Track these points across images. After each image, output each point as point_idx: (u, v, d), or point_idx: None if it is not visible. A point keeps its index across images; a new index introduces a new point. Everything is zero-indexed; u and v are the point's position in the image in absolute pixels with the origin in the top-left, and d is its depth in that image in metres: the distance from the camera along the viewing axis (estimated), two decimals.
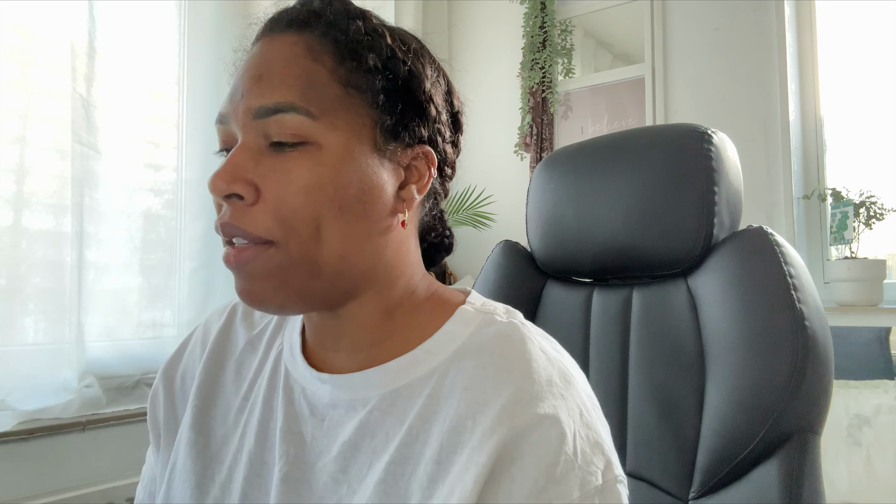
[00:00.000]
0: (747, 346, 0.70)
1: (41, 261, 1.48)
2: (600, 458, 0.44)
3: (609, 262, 0.88)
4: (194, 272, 1.79)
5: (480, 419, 0.44)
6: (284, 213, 0.45)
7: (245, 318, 0.63)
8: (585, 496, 0.41)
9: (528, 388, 0.44)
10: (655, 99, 2.17)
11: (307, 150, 0.45)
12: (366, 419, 0.48)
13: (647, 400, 0.79)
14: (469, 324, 0.51)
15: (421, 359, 0.49)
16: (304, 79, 0.46)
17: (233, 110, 0.47)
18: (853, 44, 2.03)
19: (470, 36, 2.68)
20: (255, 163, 0.46)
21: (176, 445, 0.57)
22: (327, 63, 0.47)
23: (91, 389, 1.52)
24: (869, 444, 1.60)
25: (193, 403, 0.58)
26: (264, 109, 0.45)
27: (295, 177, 0.45)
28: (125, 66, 1.65)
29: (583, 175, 0.91)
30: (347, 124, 0.47)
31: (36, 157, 1.48)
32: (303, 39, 0.48)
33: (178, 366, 0.63)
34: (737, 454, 0.68)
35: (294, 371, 0.54)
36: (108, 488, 1.52)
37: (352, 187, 0.46)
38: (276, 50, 0.48)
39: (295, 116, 0.45)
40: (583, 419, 0.45)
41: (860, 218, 1.81)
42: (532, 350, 0.48)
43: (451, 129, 0.55)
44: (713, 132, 0.81)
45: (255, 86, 0.46)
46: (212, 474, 0.54)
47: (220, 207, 0.47)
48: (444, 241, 0.61)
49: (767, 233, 0.74)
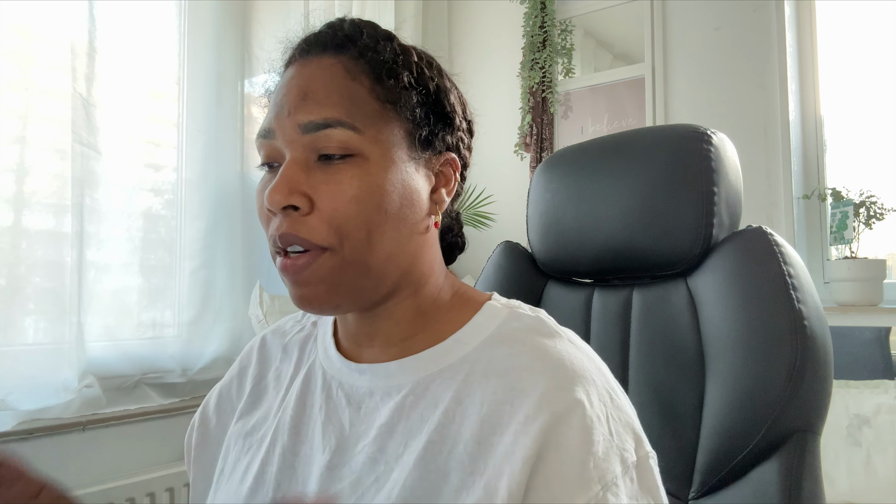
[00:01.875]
0: (747, 346, 0.70)
1: (41, 261, 1.49)
2: (632, 436, 0.48)
3: (609, 263, 0.88)
4: (194, 272, 1.79)
5: (519, 404, 0.47)
6: (338, 221, 0.49)
7: (276, 332, 0.69)
8: (626, 471, 0.46)
9: (563, 375, 0.48)
10: (655, 99, 2.17)
11: (354, 161, 0.49)
12: (401, 403, 0.52)
13: (647, 400, 0.79)
14: (496, 317, 0.55)
15: (452, 348, 0.53)
16: (346, 97, 0.50)
17: (279, 126, 0.51)
18: (853, 44, 2.03)
19: (470, 36, 2.68)
20: (307, 175, 0.49)
21: (224, 450, 0.63)
22: (365, 83, 0.51)
23: (91, 389, 1.53)
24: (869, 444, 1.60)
25: (239, 415, 0.64)
26: (313, 125, 0.49)
27: (346, 187, 0.49)
28: (125, 66, 1.65)
29: (583, 176, 0.91)
30: (387, 137, 0.51)
31: (36, 157, 1.49)
32: (340, 62, 0.52)
33: (211, 397, 0.69)
34: (736, 454, 0.69)
35: (330, 369, 0.59)
36: (108, 488, 1.52)
37: (395, 193, 0.51)
38: (317, 71, 0.52)
39: (342, 131, 0.49)
40: (613, 402, 0.49)
41: (860, 218, 1.81)
42: (560, 341, 0.52)
43: (468, 136, 0.60)
44: (713, 132, 0.81)
45: (302, 103, 0.50)
46: (251, 469, 0.58)
47: (268, 220, 0.51)
48: (459, 241, 0.65)
49: (767, 233, 0.75)
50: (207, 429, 0.67)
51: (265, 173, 0.54)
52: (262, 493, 0.55)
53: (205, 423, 0.68)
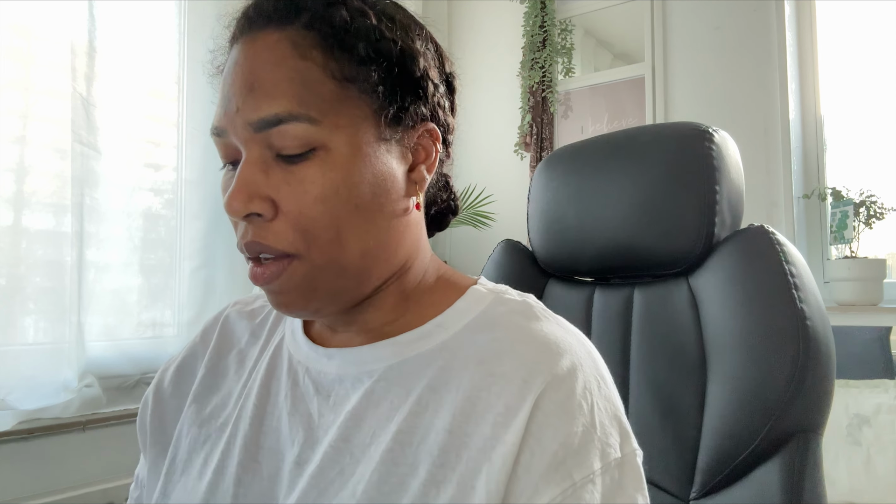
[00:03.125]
0: (748, 346, 0.69)
1: (41, 260, 1.48)
2: (618, 430, 0.44)
3: (610, 262, 0.87)
4: (194, 272, 1.79)
5: (499, 391, 0.43)
6: (304, 225, 0.44)
7: (244, 309, 0.63)
8: (606, 468, 0.42)
9: (547, 360, 0.44)
10: (655, 98, 2.17)
11: (316, 155, 0.44)
12: (371, 389, 0.48)
13: (648, 399, 0.79)
14: (481, 302, 0.51)
15: (431, 332, 0.49)
16: (297, 81, 0.44)
17: (229, 123, 0.45)
18: (853, 44, 2.03)
19: (470, 36, 2.68)
20: (266, 176, 0.44)
21: (176, 438, 0.56)
22: (317, 59, 0.45)
23: (91, 389, 1.52)
24: (869, 443, 1.60)
25: (193, 398, 0.57)
26: (263, 122, 0.44)
27: (309, 186, 0.44)
28: (125, 66, 1.65)
29: (584, 174, 0.91)
30: (349, 121, 0.45)
31: (36, 156, 1.48)
32: (286, 36, 0.45)
33: (168, 370, 0.62)
34: (738, 454, 0.68)
35: (297, 353, 0.54)
36: (108, 488, 1.52)
37: (364, 184, 0.46)
38: (262, 52, 0.45)
39: (297, 125, 0.43)
40: (601, 391, 0.45)
41: (860, 217, 1.81)
42: (547, 324, 0.48)
43: (447, 97, 0.53)
44: (715, 130, 0.81)
45: (249, 97, 0.44)
46: (210, 461, 0.53)
47: (237, 225, 0.47)
48: (451, 205, 0.60)
49: (769, 232, 0.74)
50: (164, 409, 0.60)
51: (225, 171, 0.48)
52: (221, 491, 0.49)
53: (160, 403, 0.60)
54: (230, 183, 0.46)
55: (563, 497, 0.40)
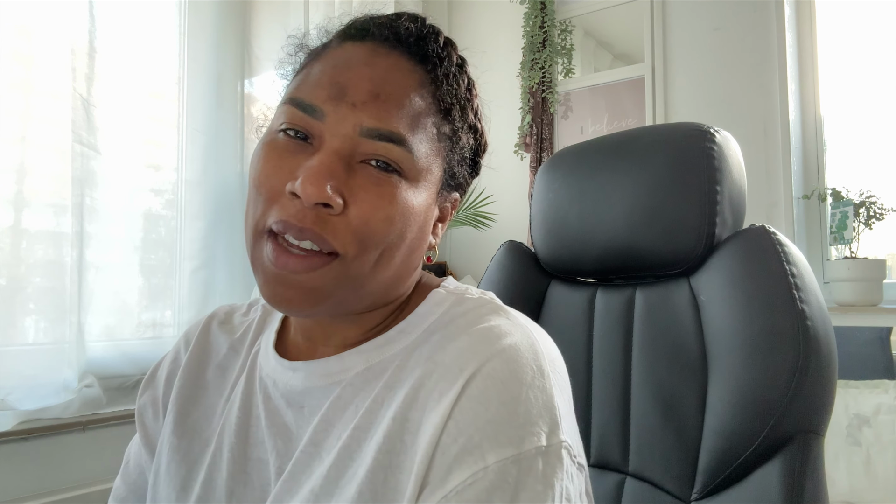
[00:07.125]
0: (749, 346, 0.69)
1: (41, 261, 1.48)
2: (547, 421, 0.43)
3: (612, 262, 0.87)
4: (194, 272, 1.79)
5: (437, 378, 0.45)
6: (365, 233, 0.45)
7: (224, 324, 0.64)
8: (524, 455, 0.41)
9: (481, 348, 0.45)
10: (655, 99, 2.17)
11: (399, 180, 0.47)
12: (339, 395, 0.50)
13: (649, 400, 0.79)
14: (441, 304, 0.53)
15: (394, 338, 0.51)
16: (416, 115, 0.47)
17: (334, 111, 0.46)
18: (853, 44, 2.03)
19: (470, 36, 2.68)
20: (347, 174, 0.45)
21: (158, 451, 0.58)
22: (433, 108, 0.49)
23: (91, 389, 1.52)
24: (869, 444, 1.60)
25: (173, 409, 0.58)
26: (377, 133, 0.46)
27: (385, 202, 0.46)
28: (125, 66, 1.65)
29: (586, 175, 0.91)
30: (429, 168, 0.49)
31: (36, 157, 1.48)
32: (415, 70, 0.49)
33: (155, 376, 0.64)
34: (739, 455, 0.68)
35: (266, 366, 0.55)
36: (108, 488, 1.51)
37: (416, 224, 0.49)
38: (392, 70, 0.48)
39: (402, 151, 0.46)
40: (535, 382, 0.44)
41: (860, 218, 1.81)
42: (497, 317, 0.49)
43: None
44: (716, 131, 0.81)
45: (373, 103, 0.46)
46: (195, 475, 0.54)
47: (274, 198, 0.46)
48: None
49: (770, 232, 0.74)
50: (158, 407, 0.61)
51: (279, 138, 0.47)
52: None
53: (155, 402, 0.62)
54: (288, 153, 0.46)
55: (474, 478, 0.40)
